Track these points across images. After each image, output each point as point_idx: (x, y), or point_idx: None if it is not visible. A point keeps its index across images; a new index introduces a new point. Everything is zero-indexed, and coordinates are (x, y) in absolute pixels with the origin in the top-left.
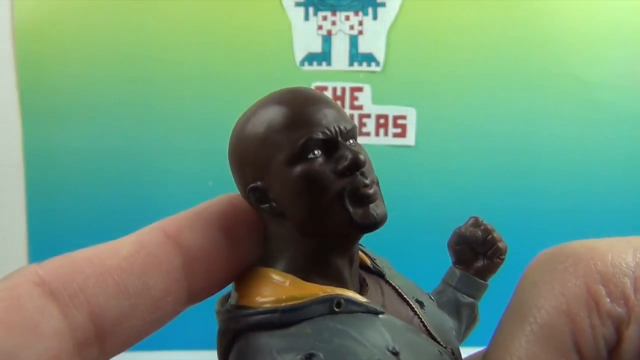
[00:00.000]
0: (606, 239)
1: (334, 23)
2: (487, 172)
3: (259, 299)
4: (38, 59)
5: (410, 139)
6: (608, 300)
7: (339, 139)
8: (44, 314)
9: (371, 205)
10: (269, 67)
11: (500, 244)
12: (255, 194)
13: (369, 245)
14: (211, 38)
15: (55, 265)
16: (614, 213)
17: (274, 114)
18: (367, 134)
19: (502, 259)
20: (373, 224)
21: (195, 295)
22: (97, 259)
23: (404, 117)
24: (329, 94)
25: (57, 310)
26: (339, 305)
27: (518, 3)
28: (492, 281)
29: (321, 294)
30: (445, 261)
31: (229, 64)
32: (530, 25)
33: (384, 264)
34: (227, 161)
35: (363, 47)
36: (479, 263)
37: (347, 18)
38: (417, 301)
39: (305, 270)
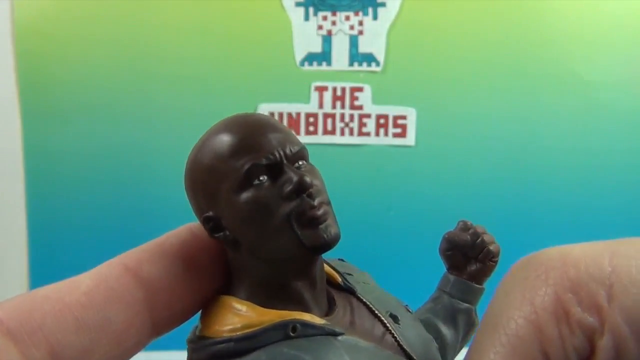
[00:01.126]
0: (583, 244)
1: (334, 23)
2: (487, 171)
3: (218, 328)
4: (38, 58)
5: (410, 139)
6: (579, 309)
7: (284, 162)
8: (2, 354)
9: (321, 227)
10: (269, 67)
11: (491, 247)
12: (209, 224)
13: (370, 246)
14: (212, 38)
15: (13, 304)
16: (614, 210)
17: (219, 144)
18: (367, 134)
19: (495, 262)
20: (324, 245)
21: (159, 326)
22: (56, 296)
23: (404, 117)
24: (329, 94)
25: (16, 349)
26: (294, 329)
27: (518, 3)
28: (491, 283)
29: (277, 319)
30: None
31: (229, 64)
32: (531, 25)
33: (361, 279)
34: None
35: (363, 47)
36: (472, 267)
37: (347, 18)
38: (391, 315)
39: (265, 296)
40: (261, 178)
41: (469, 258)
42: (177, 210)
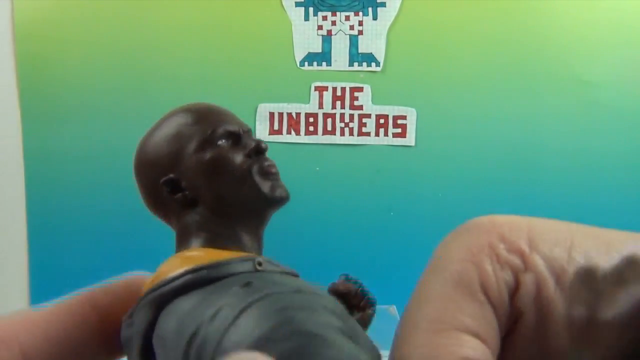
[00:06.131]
0: (505, 215)
1: (334, 23)
2: (487, 171)
3: (179, 270)
4: (38, 59)
5: (410, 139)
6: (506, 252)
7: (242, 133)
8: None
9: (277, 182)
10: (269, 67)
11: (370, 295)
12: (168, 186)
13: (370, 246)
14: (212, 38)
15: None
16: (613, 210)
17: (182, 116)
18: (367, 134)
19: (373, 311)
20: (280, 198)
21: (113, 348)
22: (26, 313)
23: (404, 117)
24: (329, 94)
25: None
26: (260, 264)
27: (518, 4)
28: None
29: (242, 255)
30: None
31: (230, 64)
32: (531, 25)
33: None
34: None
35: (363, 47)
36: (355, 317)
37: (347, 18)
38: None
39: (220, 246)
40: (223, 141)
41: (351, 307)
42: None
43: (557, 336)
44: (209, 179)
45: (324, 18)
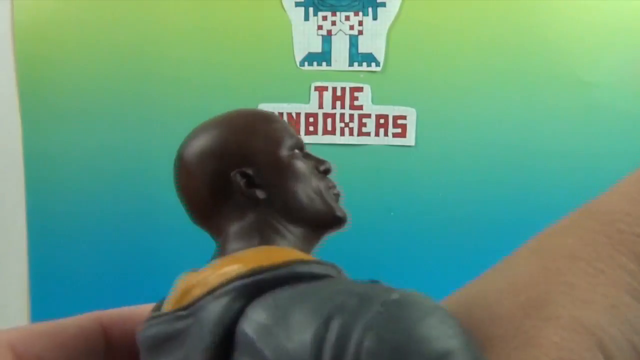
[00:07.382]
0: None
1: (334, 23)
2: (487, 171)
3: (280, 260)
4: (38, 59)
5: (410, 139)
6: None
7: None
8: None
9: (341, 205)
10: (269, 67)
11: None
12: (244, 179)
13: (370, 247)
14: (211, 38)
15: None
16: None
17: (261, 117)
18: (367, 134)
19: None
20: (345, 219)
21: None
22: None
23: (404, 117)
24: (329, 94)
25: None
26: (339, 272)
27: (518, 4)
28: None
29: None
30: (445, 260)
31: (229, 64)
32: (531, 25)
33: None
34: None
35: (363, 47)
36: None
37: (347, 18)
38: None
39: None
40: (298, 151)
41: None
42: (176, 213)
43: None
44: (288, 181)
45: (324, 18)
